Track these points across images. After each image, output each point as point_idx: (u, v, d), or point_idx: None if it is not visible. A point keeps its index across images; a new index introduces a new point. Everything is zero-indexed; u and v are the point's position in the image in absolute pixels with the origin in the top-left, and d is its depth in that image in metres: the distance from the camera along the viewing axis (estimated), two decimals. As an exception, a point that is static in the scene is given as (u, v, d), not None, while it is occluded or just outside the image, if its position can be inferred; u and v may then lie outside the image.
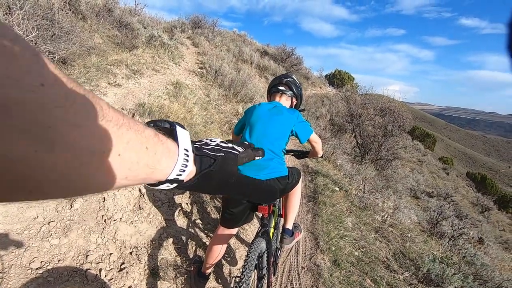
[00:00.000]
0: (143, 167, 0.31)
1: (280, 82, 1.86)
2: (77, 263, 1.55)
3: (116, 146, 0.26)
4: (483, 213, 15.58)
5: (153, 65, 5.16)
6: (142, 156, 0.30)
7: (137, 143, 0.29)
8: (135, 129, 0.30)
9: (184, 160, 0.37)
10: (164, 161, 0.34)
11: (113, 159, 0.26)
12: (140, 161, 0.30)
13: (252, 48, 13.68)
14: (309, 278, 2.41)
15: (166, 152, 0.35)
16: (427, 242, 4.29)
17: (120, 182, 0.29)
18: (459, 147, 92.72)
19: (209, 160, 0.43)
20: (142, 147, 0.30)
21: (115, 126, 0.27)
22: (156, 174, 0.34)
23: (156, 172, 0.34)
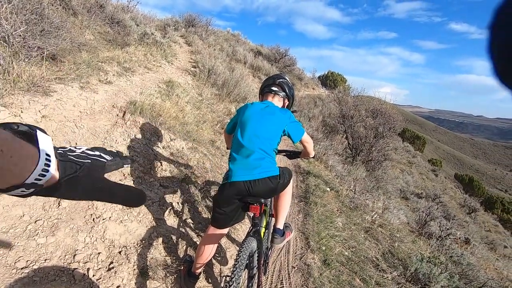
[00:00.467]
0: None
1: (273, 82, 1.86)
2: (65, 263, 1.52)
3: None
4: (470, 214, 15.94)
5: (146, 63, 5.10)
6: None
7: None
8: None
9: (46, 165, 0.36)
10: (21, 165, 0.33)
11: None
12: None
13: (246, 48, 13.67)
14: (299, 277, 2.42)
15: (25, 155, 0.33)
16: (415, 242, 4.37)
17: None
18: (448, 149, 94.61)
19: (74, 166, 0.42)
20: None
21: None
22: (10, 177, 0.33)
23: (10, 176, 0.32)
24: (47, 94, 2.51)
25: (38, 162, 0.35)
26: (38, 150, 0.36)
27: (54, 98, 2.54)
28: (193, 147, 3.38)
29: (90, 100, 2.90)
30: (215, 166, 3.45)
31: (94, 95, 3.03)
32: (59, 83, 2.79)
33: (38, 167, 0.35)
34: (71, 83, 2.92)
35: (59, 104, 2.52)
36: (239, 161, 1.58)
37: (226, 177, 1.61)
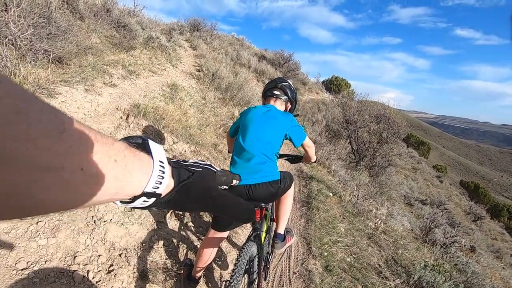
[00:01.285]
0: (112, 181, 0.29)
1: (276, 86, 1.86)
2: (65, 264, 1.52)
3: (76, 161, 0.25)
4: (476, 222, 15.70)
5: (150, 66, 5.15)
6: (110, 170, 0.29)
7: (103, 156, 0.28)
8: (102, 142, 0.28)
9: (160, 171, 0.36)
10: (137, 174, 0.33)
11: (76, 174, 0.25)
12: (108, 175, 0.29)
13: (250, 52, 13.75)
14: (301, 283, 2.40)
15: (139, 164, 0.33)
16: (419, 250, 4.30)
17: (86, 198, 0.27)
18: (453, 156, 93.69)
19: (186, 173, 0.42)
20: (111, 160, 0.29)
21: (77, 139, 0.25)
22: (129, 187, 0.33)
23: (128, 185, 0.32)
24: (52, 96, 2.54)
25: (153, 169, 0.35)
26: (152, 157, 0.36)
27: (59, 100, 2.56)
28: (195, 151, 3.39)
29: (95, 102, 2.93)
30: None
31: (99, 98, 3.06)
32: (64, 85, 2.82)
33: (153, 174, 0.35)
34: (76, 86, 2.96)
35: (64, 106, 2.54)
36: (240, 165, 1.58)
37: None
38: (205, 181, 0.43)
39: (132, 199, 0.35)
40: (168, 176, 0.37)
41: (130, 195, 0.34)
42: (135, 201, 0.35)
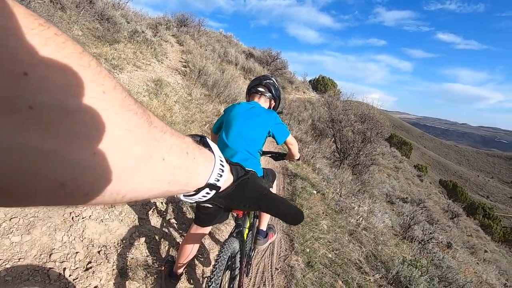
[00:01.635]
0: (184, 171, 0.32)
1: (260, 83, 1.87)
2: (40, 262, 1.48)
3: (161, 151, 0.28)
4: (453, 219, 16.35)
5: (135, 61, 5.04)
6: (183, 161, 0.31)
7: (178, 149, 0.31)
8: (176, 135, 0.31)
9: (221, 165, 0.39)
10: (202, 166, 0.36)
11: (158, 163, 0.27)
12: (181, 166, 0.31)
13: (237, 49, 13.68)
14: (282, 279, 2.43)
15: (204, 157, 0.36)
16: (398, 246, 4.44)
17: (164, 187, 0.30)
18: (433, 156, 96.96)
19: (243, 171, 0.44)
20: (183, 152, 0.31)
21: (160, 132, 0.28)
22: (196, 178, 0.35)
23: (195, 176, 0.35)
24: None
25: (215, 163, 0.38)
26: (213, 153, 0.39)
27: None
28: (180, 147, 3.36)
29: (75, 96, 2.85)
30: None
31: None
32: (42, 78, 2.72)
33: (215, 167, 0.38)
34: (55, 79, 2.86)
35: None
36: None
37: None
38: (258, 180, 0.46)
39: (196, 191, 0.37)
40: (227, 171, 0.40)
41: (196, 186, 0.36)
42: (199, 193, 0.37)
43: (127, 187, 0.25)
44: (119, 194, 0.25)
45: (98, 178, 0.22)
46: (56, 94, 0.18)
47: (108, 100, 0.22)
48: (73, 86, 0.19)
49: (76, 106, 0.19)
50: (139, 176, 0.26)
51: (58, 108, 0.19)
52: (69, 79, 0.19)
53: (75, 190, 0.21)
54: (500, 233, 23.53)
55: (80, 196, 0.22)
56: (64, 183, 0.20)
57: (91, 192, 0.22)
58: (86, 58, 0.21)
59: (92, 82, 0.21)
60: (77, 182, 0.21)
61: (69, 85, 0.19)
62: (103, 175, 0.22)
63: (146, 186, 0.27)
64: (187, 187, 0.35)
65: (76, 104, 0.19)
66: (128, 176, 0.24)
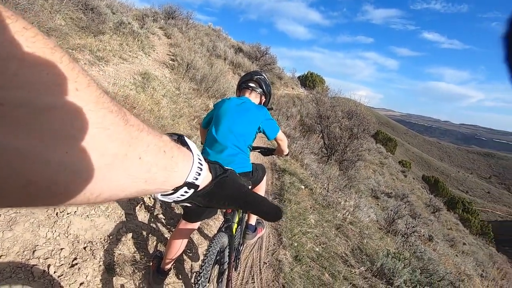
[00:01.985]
0: (161, 170, 0.32)
1: (251, 78, 1.87)
2: (23, 259, 1.44)
3: (138, 149, 0.27)
4: (434, 213, 16.93)
5: (121, 53, 4.91)
6: (160, 159, 0.31)
7: (156, 147, 0.30)
8: (154, 134, 0.31)
9: (199, 164, 0.38)
10: (180, 164, 0.35)
11: (134, 162, 0.27)
12: (158, 164, 0.31)
13: (226, 44, 13.55)
14: (270, 273, 2.46)
15: (182, 155, 0.36)
16: (383, 239, 4.57)
17: (139, 185, 0.29)
18: (417, 152, 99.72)
19: (221, 169, 0.44)
20: (161, 150, 0.31)
21: (137, 130, 0.28)
22: (174, 177, 0.35)
23: (173, 175, 0.34)
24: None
25: (193, 161, 0.38)
26: (191, 151, 0.39)
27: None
28: (168, 142, 3.31)
29: (58, 88, 2.75)
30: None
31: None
32: (23, 69, 2.62)
33: (194, 165, 0.37)
34: (37, 70, 2.75)
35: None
36: (212, 156, 1.57)
37: None
38: (237, 179, 0.46)
39: (174, 190, 0.37)
40: (206, 169, 0.40)
41: (174, 185, 0.36)
42: (177, 191, 0.37)
43: (101, 187, 0.24)
44: (93, 193, 0.24)
45: (71, 177, 0.21)
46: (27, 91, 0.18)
47: (81, 97, 0.21)
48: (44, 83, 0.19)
49: (48, 104, 0.19)
50: (114, 175, 0.25)
51: (29, 106, 0.18)
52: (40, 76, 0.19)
53: (46, 190, 0.20)
54: (478, 227, 24.58)
55: (52, 197, 0.21)
56: (34, 183, 0.19)
57: (64, 192, 0.22)
58: (58, 53, 0.21)
59: (64, 79, 0.20)
60: (49, 181, 0.20)
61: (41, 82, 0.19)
62: (77, 175, 0.22)
63: (121, 185, 0.27)
64: (164, 186, 0.34)
65: (48, 101, 0.19)
66: (103, 175, 0.24)
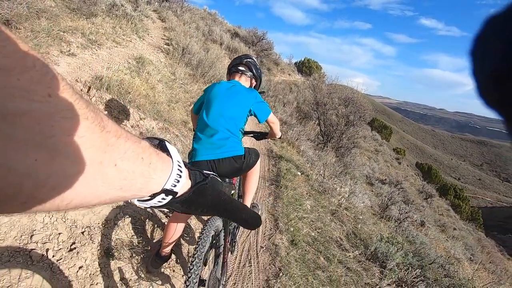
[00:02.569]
0: (138, 176, 0.31)
1: (241, 62, 1.84)
2: (21, 243, 1.44)
3: (114, 156, 0.27)
4: (427, 200, 17.29)
5: (114, 37, 4.77)
6: (137, 166, 0.31)
7: (133, 154, 0.30)
8: (132, 140, 0.30)
9: (178, 171, 0.38)
10: (158, 171, 0.35)
11: (109, 169, 0.26)
12: (135, 171, 0.30)
13: (222, 28, 13.26)
14: (267, 256, 2.51)
15: (160, 162, 0.35)
16: (376, 224, 4.67)
17: (114, 193, 0.29)
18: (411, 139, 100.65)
19: (201, 176, 0.44)
20: (138, 157, 0.31)
21: (114, 137, 0.27)
22: (151, 184, 0.34)
23: (150, 182, 0.34)
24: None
25: (172, 167, 0.37)
26: (171, 157, 0.38)
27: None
28: (164, 128, 3.29)
29: (50, 72, 2.68)
30: (187, 147, 3.39)
31: (55, 68, 2.80)
32: (13, 51, 2.53)
33: (173, 172, 0.37)
34: (28, 53, 2.67)
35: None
36: (204, 141, 1.57)
37: (190, 157, 1.60)
38: (217, 185, 0.46)
39: (151, 197, 0.36)
40: (185, 176, 0.39)
41: (151, 192, 0.35)
42: (154, 198, 0.36)
43: (72, 194, 0.24)
44: (64, 201, 0.23)
45: (38, 185, 0.20)
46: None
47: (54, 103, 0.20)
48: (13, 88, 0.18)
49: (15, 110, 0.18)
50: (88, 183, 0.24)
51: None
52: (10, 81, 0.18)
53: (11, 198, 0.19)
54: (468, 212, 25.21)
55: (15, 205, 0.20)
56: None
57: (30, 200, 0.21)
58: (30, 58, 0.20)
59: (36, 84, 0.19)
60: (13, 190, 0.19)
61: (9, 87, 0.18)
62: (46, 182, 0.21)
63: (94, 192, 0.26)
64: (141, 193, 0.34)
65: (16, 107, 0.18)
66: (75, 183, 0.23)
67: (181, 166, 0.39)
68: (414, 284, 2.80)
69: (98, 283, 1.54)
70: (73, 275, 1.48)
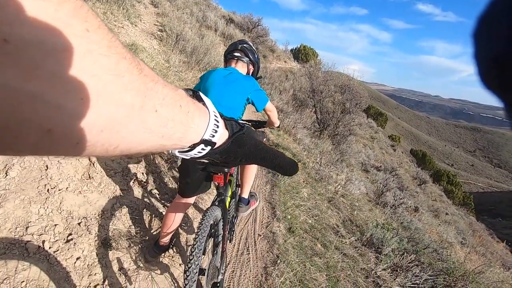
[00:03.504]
0: (178, 124, 0.31)
1: (236, 48, 1.79)
2: (16, 235, 1.42)
3: (153, 101, 0.26)
4: (420, 186, 17.58)
5: (105, 23, 4.62)
6: (176, 114, 0.30)
7: (172, 101, 0.29)
8: (169, 87, 0.29)
9: (215, 121, 0.37)
10: (197, 120, 0.34)
11: (151, 114, 0.26)
12: (175, 119, 0.30)
13: (217, 14, 12.94)
14: (265, 244, 2.53)
15: (198, 111, 0.35)
16: (372, 211, 4.74)
17: (156, 140, 0.28)
18: (406, 126, 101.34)
19: (238, 126, 0.43)
20: (177, 104, 0.30)
21: (151, 81, 0.26)
22: (190, 133, 0.34)
23: (190, 131, 0.33)
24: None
25: (209, 118, 0.36)
26: (207, 108, 0.37)
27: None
28: (159, 117, 3.23)
29: (39, 60, 2.60)
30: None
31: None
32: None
33: (210, 122, 0.36)
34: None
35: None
36: None
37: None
38: (254, 134, 0.45)
39: (191, 147, 0.36)
40: (222, 126, 0.39)
41: (191, 142, 0.35)
42: (194, 149, 0.36)
43: (118, 138, 0.24)
44: (112, 145, 0.23)
45: (88, 126, 0.20)
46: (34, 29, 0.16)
47: (93, 39, 0.19)
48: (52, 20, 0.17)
49: (57, 45, 0.17)
50: (131, 127, 0.24)
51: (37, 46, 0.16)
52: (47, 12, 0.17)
53: (63, 138, 0.19)
54: (460, 198, 25.76)
55: (69, 145, 0.20)
56: (51, 130, 0.18)
57: (82, 141, 0.21)
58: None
59: (73, 18, 0.18)
60: (65, 129, 0.19)
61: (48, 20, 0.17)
62: (94, 124, 0.21)
63: (138, 138, 0.26)
64: (181, 142, 0.33)
65: (58, 42, 0.17)
66: (120, 126, 0.23)
67: (217, 116, 0.38)
68: (409, 268, 2.86)
69: (97, 274, 1.54)
70: (70, 266, 1.48)
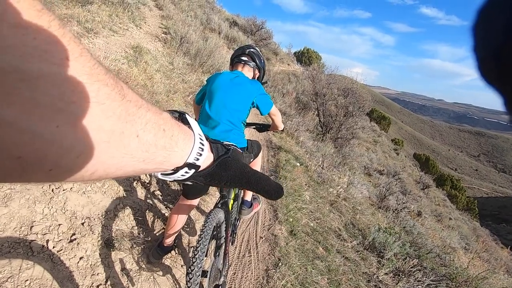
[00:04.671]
0: (160, 149, 0.30)
1: (243, 52, 1.81)
2: (21, 234, 1.44)
3: (135, 127, 0.26)
4: (424, 190, 17.46)
5: (111, 25, 4.67)
6: (159, 138, 0.30)
7: (155, 125, 0.29)
8: (153, 111, 0.29)
9: (200, 144, 0.37)
10: (181, 144, 0.34)
11: (132, 140, 0.26)
12: (157, 143, 0.29)
13: (221, 17, 13.03)
14: (267, 247, 2.53)
15: (182, 134, 0.34)
16: (374, 214, 4.71)
17: (137, 165, 0.28)
18: (410, 130, 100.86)
19: (223, 149, 0.43)
20: (160, 129, 0.30)
21: (134, 106, 0.26)
22: (174, 157, 0.33)
23: (173, 155, 0.33)
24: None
25: (194, 141, 0.36)
26: (192, 130, 0.37)
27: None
28: (162, 118, 3.26)
29: (46, 61, 2.63)
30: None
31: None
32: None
33: (195, 145, 0.36)
34: (22, 41, 2.61)
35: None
36: (206, 133, 1.55)
37: None
38: (239, 157, 0.45)
39: (174, 170, 0.36)
40: (207, 149, 0.39)
41: (173, 165, 0.35)
42: (177, 172, 0.36)
43: (96, 164, 0.23)
44: (88, 171, 0.23)
45: (63, 153, 0.20)
46: (10, 56, 0.16)
47: (73, 67, 0.20)
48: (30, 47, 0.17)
49: (35, 72, 0.17)
50: (110, 153, 0.24)
51: (13, 72, 0.16)
52: (26, 40, 0.17)
53: (35, 166, 0.19)
54: (464, 203, 25.53)
55: (42, 173, 0.20)
56: (21, 157, 0.18)
57: (55, 168, 0.20)
58: (45, 17, 0.18)
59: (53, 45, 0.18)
60: (38, 156, 0.19)
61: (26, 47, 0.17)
62: (69, 150, 0.20)
63: (117, 163, 0.26)
64: (164, 166, 0.33)
65: (35, 69, 0.17)
66: (98, 153, 0.23)
67: (202, 139, 0.38)
68: (411, 273, 2.84)
69: (99, 274, 1.55)
70: (74, 266, 1.49)
